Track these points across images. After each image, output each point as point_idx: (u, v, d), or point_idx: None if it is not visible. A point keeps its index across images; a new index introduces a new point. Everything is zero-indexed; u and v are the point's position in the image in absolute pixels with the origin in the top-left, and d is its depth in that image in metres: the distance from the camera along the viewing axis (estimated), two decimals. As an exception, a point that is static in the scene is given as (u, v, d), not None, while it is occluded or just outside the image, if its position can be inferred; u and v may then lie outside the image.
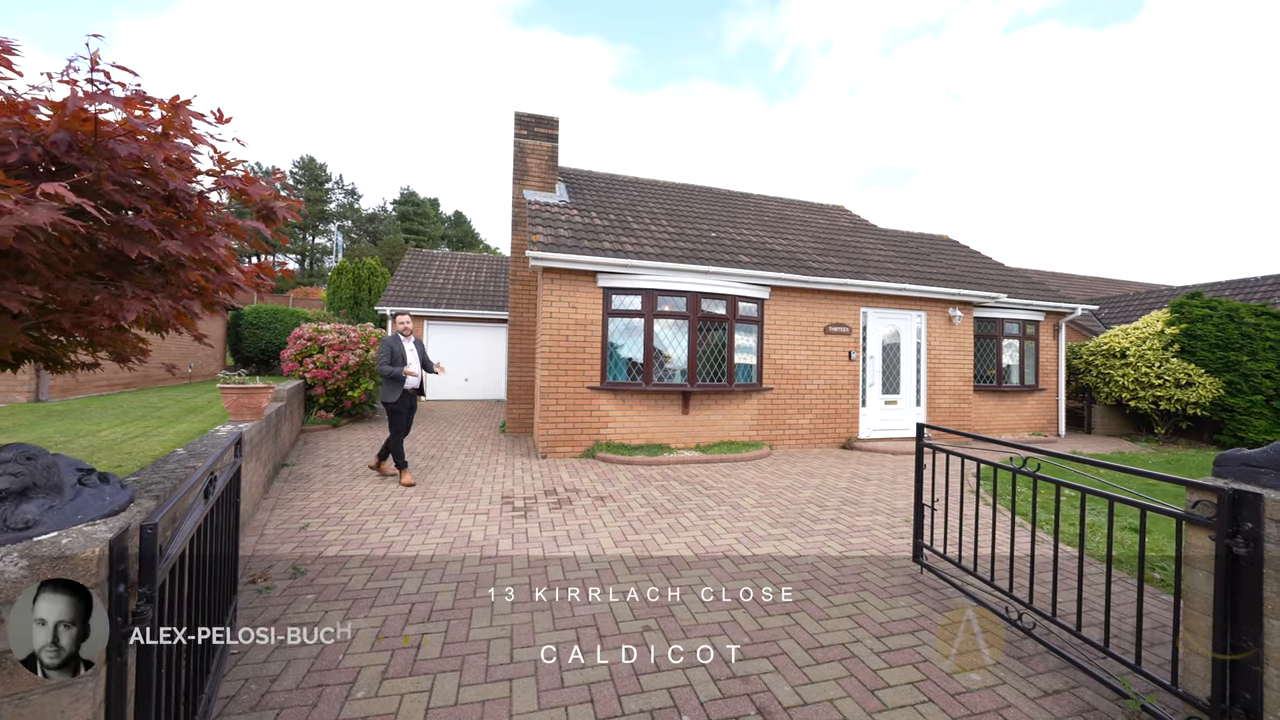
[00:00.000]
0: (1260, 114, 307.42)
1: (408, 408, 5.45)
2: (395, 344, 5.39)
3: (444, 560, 3.46)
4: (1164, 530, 4.14)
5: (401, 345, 5.42)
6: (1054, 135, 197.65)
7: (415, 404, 5.56)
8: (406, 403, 5.43)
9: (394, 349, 5.35)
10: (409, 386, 5.41)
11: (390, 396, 5.35)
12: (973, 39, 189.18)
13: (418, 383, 5.53)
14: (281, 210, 1.89)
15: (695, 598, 3.04)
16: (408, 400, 5.44)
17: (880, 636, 2.68)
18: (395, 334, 5.48)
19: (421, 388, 5.63)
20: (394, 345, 5.38)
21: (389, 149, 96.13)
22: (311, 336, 8.85)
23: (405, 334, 5.51)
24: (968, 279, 9.67)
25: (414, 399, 5.53)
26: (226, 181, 1.73)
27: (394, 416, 5.38)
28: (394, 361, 5.31)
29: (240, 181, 1.76)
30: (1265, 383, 9.10)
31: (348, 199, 52.06)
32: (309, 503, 4.59)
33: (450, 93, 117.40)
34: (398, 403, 5.35)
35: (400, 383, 5.34)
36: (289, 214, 1.93)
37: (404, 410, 5.40)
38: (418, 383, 5.53)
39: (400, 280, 15.44)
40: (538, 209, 8.17)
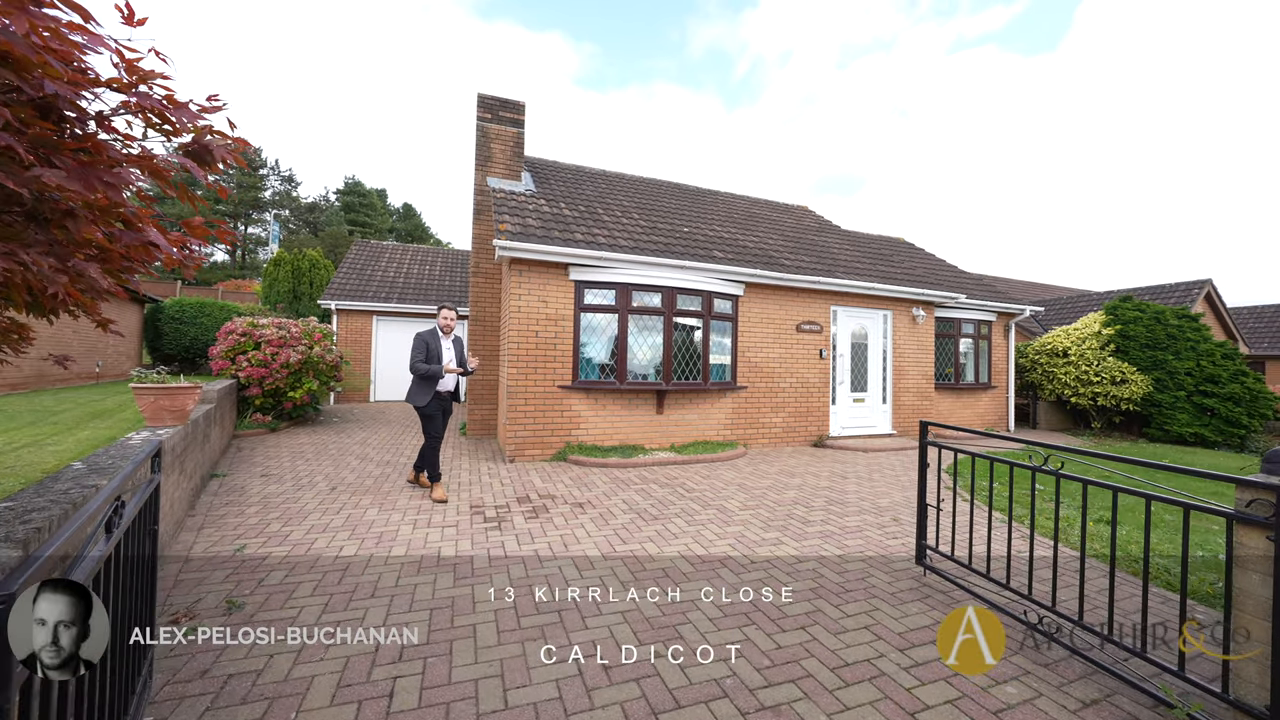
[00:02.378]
0: (1162, 135, 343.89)
1: (441, 412, 4.92)
2: (432, 340, 4.84)
3: (412, 584, 3.03)
4: (1173, 527, 4.25)
5: (439, 342, 4.86)
6: (989, 151, 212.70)
7: (451, 408, 5.05)
8: (439, 406, 4.90)
9: (429, 345, 4.80)
10: (443, 389, 4.89)
11: (420, 399, 4.78)
12: (920, 57, 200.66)
13: (453, 385, 5.00)
14: (220, 150, 1.43)
15: (701, 614, 2.77)
16: (440, 404, 4.91)
17: (903, 649, 2.51)
18: (433, 330, 4.94)
19: (458, 391, 5.08)
20: (430, 341, 4.82)
21: (332, 136, 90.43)
22: (246, 331, 7.95)
23: (446, 331, 4.96)
24: (929, 280, 9.96)
25: (449, 402, 5.00)
26: (142, 101, 1.26)
27: (426, 422, 4.83)
28: (429, 359, 4.75)
29: (162, 103, 1.30)
30: (1187, 380, 9.89)
31: (285, 186, 48.54)
32: (245, 520, 3.98)
33: (403, 82, 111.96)
34: (428, 406, 4.79)
35: (432, 384, 4.80)
36: (230, 156, 1.47)
37: (437, 414, 4.88)
38: (453, 385, 5.00)
39: (346, 273, 14.36)
40: (503, 197, 7.69)
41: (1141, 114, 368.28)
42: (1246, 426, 9.65)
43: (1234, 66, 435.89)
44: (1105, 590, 3.11)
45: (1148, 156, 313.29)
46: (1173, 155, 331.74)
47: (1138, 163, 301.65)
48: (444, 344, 4.90)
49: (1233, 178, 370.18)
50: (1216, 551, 3.82)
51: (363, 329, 13.26)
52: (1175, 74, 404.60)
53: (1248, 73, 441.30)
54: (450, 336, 4.99)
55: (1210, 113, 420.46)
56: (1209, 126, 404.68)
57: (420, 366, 4.72)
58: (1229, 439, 9.70)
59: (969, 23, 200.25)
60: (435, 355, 4.81)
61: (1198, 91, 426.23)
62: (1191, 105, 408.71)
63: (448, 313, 4.97)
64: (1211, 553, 3.80)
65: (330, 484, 5.11)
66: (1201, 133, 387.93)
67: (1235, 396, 9.66)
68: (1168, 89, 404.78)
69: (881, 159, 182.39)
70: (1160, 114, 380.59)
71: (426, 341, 4.80)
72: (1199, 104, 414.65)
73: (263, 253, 44.85)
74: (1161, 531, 4.34)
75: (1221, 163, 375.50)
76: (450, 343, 4.98)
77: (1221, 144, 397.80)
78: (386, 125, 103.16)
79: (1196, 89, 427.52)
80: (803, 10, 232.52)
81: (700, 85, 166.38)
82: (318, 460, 6.13)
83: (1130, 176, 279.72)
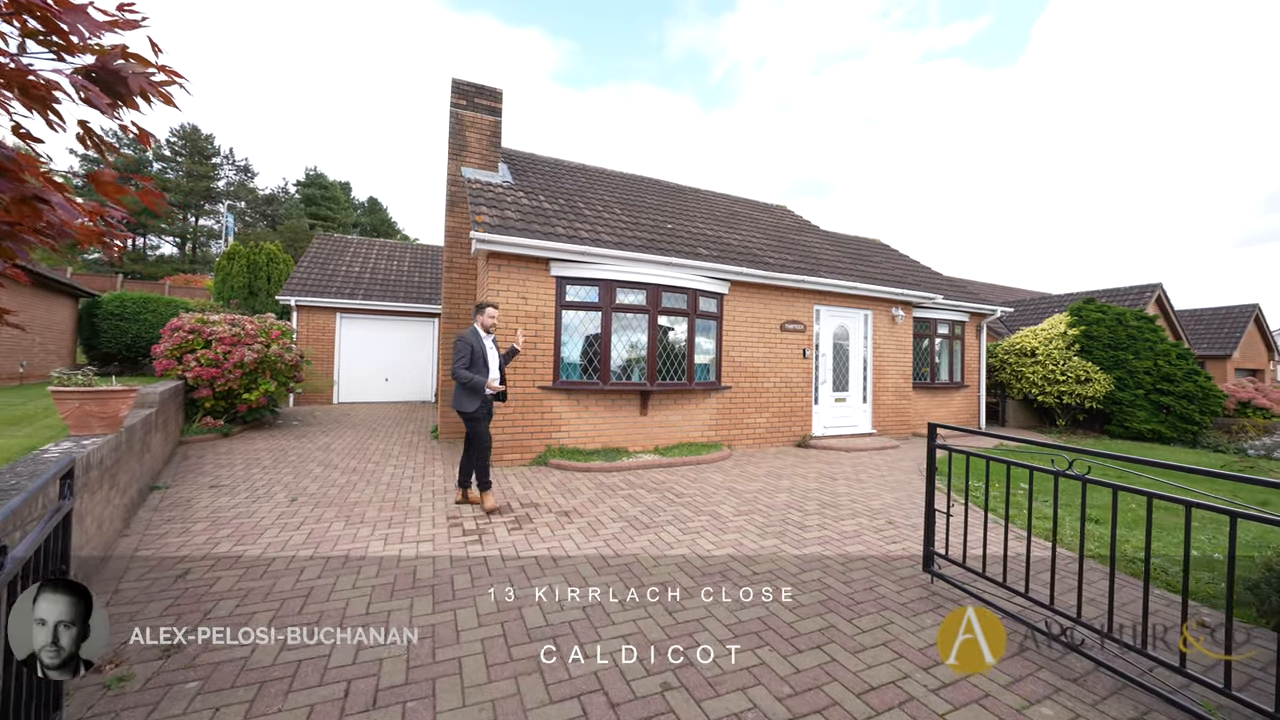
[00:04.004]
0: (1111, 147, 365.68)
1: (486, 414, 4.52)
2: (476, 342, 4.38)
3: (385, 610, 2.70)
4: (1178, 535, 4.26)
5: (483, 345, 4.44)
6: (952, 159, 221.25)
7: (493, 410, 4.73)
8: (485, 410, 4.50)
9: (474, 348, 4.35)
10: (489, 392, 4.48)
11: (469, 405, 4.37)
12: (891, 66, 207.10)
13: (500, 385, 4.58)
14: (138, 80, 1.08)
15: (709, 635, 2.55)
16: (485, 406, 4.50)
17: (927, 668, 2.35)
18: (474, 330, 4.48)
19: (501, 393, 4.64)
20: (474, 344, 4.36)
21: (293, 126, 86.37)
22: (194, 328, 7.32)
23: (488, 330, 4.53)
24: (907, 280, 10.06)
25: (492, 404, 4.63)
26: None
27: (474, 427, 4.44)
28: (473, 365, 4.34)
29: (44, 1, 0.94)
30: (1145, 378, 10.30)
31: (240, 176, 46.04)
32: (190, 539, 3.55)
33: (371, 73, 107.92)
34: (477, 411, 4.39)
35: (481, 389, 4.39)
36: (153, 90, 1.13)
37: (485, 419, 4.48)
38: (500, 385, 4.58)
39: (308, 267, 13.58)
40: (479, 188, 7.31)
41: (1091, 126, 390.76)
42: (1198, 423, 10.12)
43: (1172, 86, 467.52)
44: (1125, 598, 3.05)
45: (1096, 166, 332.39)
46: (1118, 165, 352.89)
47: (1086, 172, 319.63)
48: (487, 343, 4.49)
49: (1171, 188, 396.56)
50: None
51: (325, 326, 12.54)
52: (1122, 90, 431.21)
53: (1185, 91, 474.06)
54: (491, 337, 4.58)
55: (1153, 127, 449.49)
56: (1153, 139, 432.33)
57: (463, 375, 4.28)
58: (1183, 435, 10.16)
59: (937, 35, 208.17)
60: (481, 358, 4.39)
61: (1144, 106, 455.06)
62: (1138, 119, 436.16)
63: (492, 310, 4.52)
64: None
65: (290, 495, 4.67)
66: (1145, 145, 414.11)
67: (1189, 394, 10.13)
68: (1116, 104, 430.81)
69: (851, 164, 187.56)
70: (1108, 127, 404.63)
71: (471, 345, 4.36)
72: (1145, 118, 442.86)
73: (216, 246, 42.46)
74: (1170, 535, 4.36)
75: (1161, 174, 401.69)
76: (492, 342, 4.58)
77: (1163, 156, 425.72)
78: (353, 117, 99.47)
79: (1142, 104, 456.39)
80: (779, 16, 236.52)
81: (678, 87, 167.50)
82: (276, 468, 5.64)
83: (1080, 184, 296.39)
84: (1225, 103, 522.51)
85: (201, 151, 42.51)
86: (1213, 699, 2.13)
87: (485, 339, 4.50)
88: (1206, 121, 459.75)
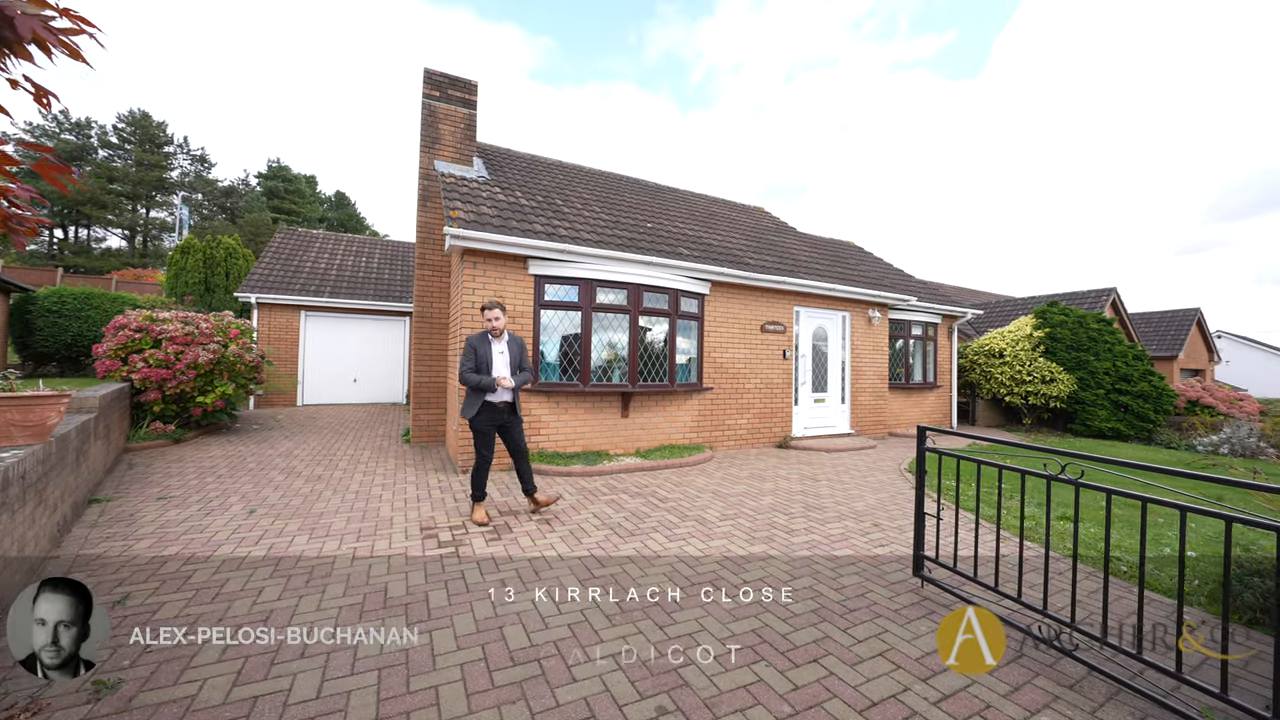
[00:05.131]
0: (1065, 157, 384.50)
1: (494, 427, 4.24)
2: (480, 345, 4.15)
3: (353, 634, 2.49)
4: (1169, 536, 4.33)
5: (489, 348, 4.17)
6: (921, 166, 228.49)
7: (507, 421, 4.29)
8: (493, 420, 4.21)
9: (478, 351, 4.13)
10: (495, 399, 4.18)
11: (468, 410, 4.16)
12: (862, 75, 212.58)
13: (509, 395, 4.23)
14: (28, 22, 0.85)
15: (704, 650, 2.44)
16: (494, 417, 4.20)
17: (926, 679, 2.29)
18: (482, 334, 4.23)
19: (515, 403, 4.28)
20: (478, 347, 4.14)
21: (255, 116, 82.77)
22: (142, 327, 6.82)
23: (495, 334, 4.23)
24: (883, 282, 10.21)
25: (504, 415, 4.25)
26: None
27: (476, 437, 4.23)
28: (478, 369, 4.10)
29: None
30: (1105, 379, 10.73)
31: (195, 166, 43.83)
32: (133, 557, 3.23)
33: (342, 64, 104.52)
34: (477, 418, 4.16)
35: (480, 395, 4.14)
36: (53, 39, 0.91)
37: (489, 431, 4.22)
38: (509, 395, 4.23)
39: (270, 262, 12.95)
40: (453, 183, 7.04)
41: (1046, 137, 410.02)
42: (1153, 421, 10.60)
43: (1122, 99, 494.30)
44: (1103, 598, 3.08)
45: (1050, 175, 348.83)
46: (1071, 175, 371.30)
47: (1041, 180, 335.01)
48: (495, 349, 4.21)
49: (1121, 197, 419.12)
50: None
51: (289, 325, 11.97)
52: (1076, 103, 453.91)
53: (1134, 103, 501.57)
54: (503, 339, 4.27)
55: (1104, 139, 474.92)
56: (1103, 151, 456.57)
57: (470, 378, 4.06)
58: (1139, 432, 10.63)
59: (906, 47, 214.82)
60: (485, 363, 4.15)
61: (1095, 119, 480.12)
62: (1089, 131, 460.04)
63: (495, 312, 4.20)
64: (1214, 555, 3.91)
65: (248, 506, 4.35)
66: (1096, 156, 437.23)
67: (1145, 394, 10.60)
68: (1070, 116, 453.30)
69: (825, 168, 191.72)
70: (1062, 138, 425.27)
71: (475, 347, 4.14)
72: (1096, 130, 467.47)
73: (169, 239, 40.31)
74: (1148, 532, 4.46)
75: (1110, 184, 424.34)
76: (504, 346, 4.25)
77: (1112, 167, 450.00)
78: (320, 109, 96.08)
79: (1094, 117, 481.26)
80: (756, 23, 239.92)
81: (656, 89, 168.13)
82: (233, 477, 5.27)
83: (1036, 192, 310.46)
84: (1171, 114, 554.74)
85: (153, 139, 40.27)
86: (1204, 701, 2.13)
87: (493, 343, 4.23)
88: (1153, 133, 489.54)
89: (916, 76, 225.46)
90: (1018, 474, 2.68)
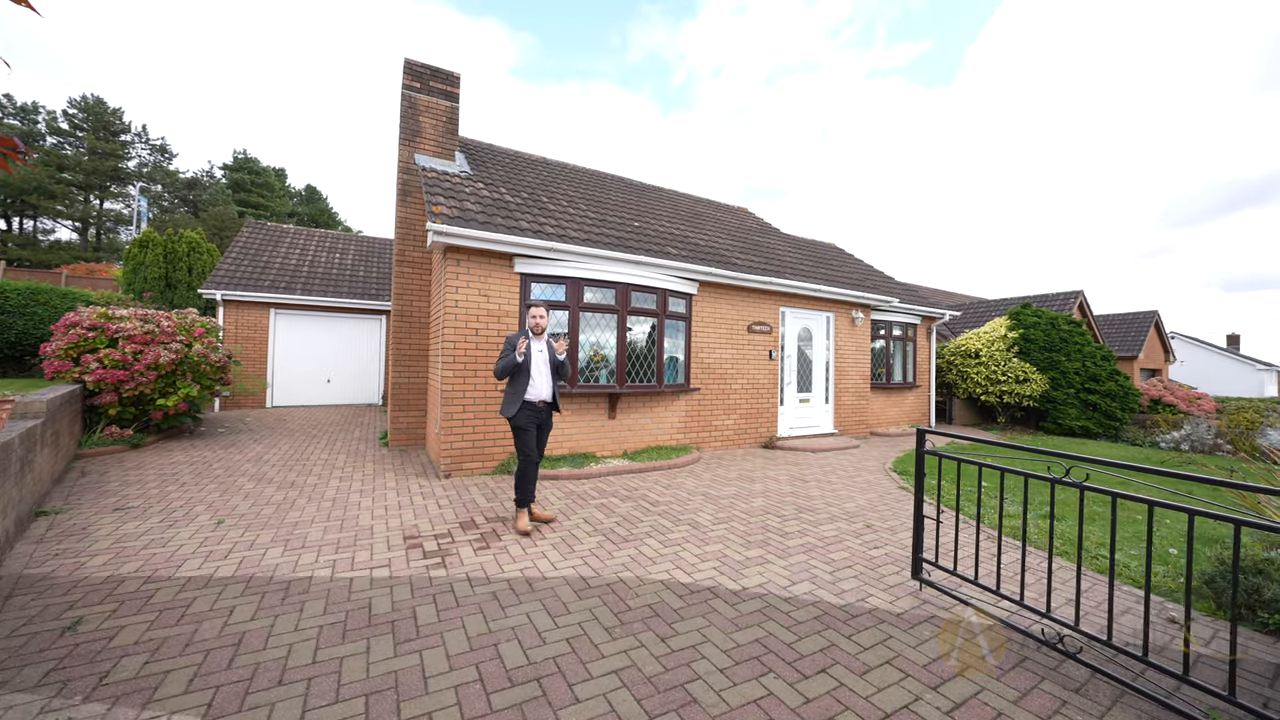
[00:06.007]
0: (1034, 162, 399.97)
1: (535, 425, 4.20)
2: (518, 342, 4.09)
3: (336, 657, 2.32)
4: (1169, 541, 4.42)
5: (529, 347, 4.18)
6: (898, 171, 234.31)
7: (548, 420, 4.30)
8: (534, 417, 4.18)
9: (517, 347, 4.07)
10: (534, 398, 4.16)
11: (509, 409, 4.13)
12: (840, 80, 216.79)
13: (549, 394, 4.24)
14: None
15: (708, 664, 2.35)
16: (532, 415, 4.17)
17: (935, 687, 2.25)
18: (525, 330, 4.26)
19: (554, 402, 4.29)
20: (517, 345, 4.08)
21: (220, 106, 79.30)
22: (95, 324, 6.40)
23: (537, 331, 4.23)
24: (866, 284, 10.33)
25: (543, 414, 4.25)
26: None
27: (518, 436, 4.18)
28: (509, 367, 4.08)
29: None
30: (1075, 379, 11.09)
31: (155, 156, 41.81)
32: (85, 577, 2.98)
33: (315, 55, 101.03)
34: (518, 415, 4.13)
35: (519, 392, 4.11)
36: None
37: (529, 428, 4.16)
38: (549, 394, 4.24)
39: (237, 258, 12.39)
40: (435, 177, 6.81)
41: (1015, 145, 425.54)
42: (1120, 419, 11.01)
43: (1085, 108, 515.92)
44: (1097, 598, 3.11)
45: (1020, 180, 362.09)
46: (1036, 181, 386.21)
47: (1009, 186, 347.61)
48: (535, 346, 4.22)
49: (1084, 204, 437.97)
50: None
51: (258, 323, 11.46)
52: (1043, 111, 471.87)
53: (1097, 112, 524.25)
54: (542, 339, 4.25)
55: (1069, 145, 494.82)
56: (1070, 156, 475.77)
57: (498, 365, 4.08)
58: (1107, 430, 11.02)
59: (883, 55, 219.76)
60: (525, 360, 4.13)
61: (1060, 128, 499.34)
62: (1055, 138, 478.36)
63: (538, 311, 4.19)
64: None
65: (215, 516, 4.09)
66: (1062, 164, 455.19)
67: (1112, 393, 10.99)
68: (1037, 124, 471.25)
69: (803, 171, 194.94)
70: (1030, 144, 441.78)
71: (513, 345, 4.08)
72: (1062, 137, 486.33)
73: (126, 232, 38.43)
74: (1133, 528, 4.56)
75: (1074, 191, 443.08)
76: (543, 345, 4.26)
77: (1075, 175, 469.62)
78: (292, 101, 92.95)
79: (1059, 125, 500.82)
80: (738, 26, 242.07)
81: (638, 89, 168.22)
82: (198, 484, 4.97)
83: (1004, 198, 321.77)
84: (1130, 122, 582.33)
85: (107, 126, 38.26)
86: (1207, 702, 2.14)
87: (533, 341, 4.21)
88: (1114, 140, 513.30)
89: (893, 83, 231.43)
90: (1018, 477, 2.68)
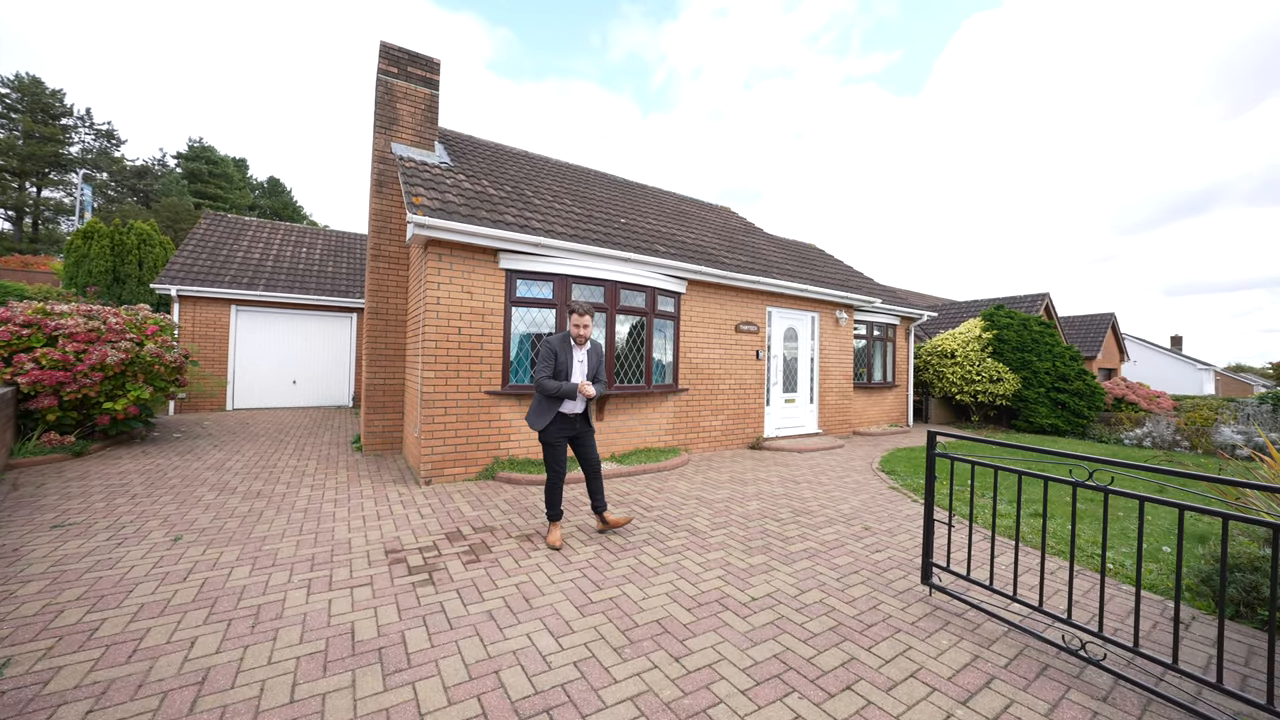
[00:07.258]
0: (1000, 169, 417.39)
1: (566, 439, 3.84)
2: (562, 351, 3.77)
3: (318, 695, 2.07)
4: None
5: (569, 355, 3.79)
6: (870, 175, 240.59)
7: (580, 431, 3.91)
8: (564, 431, 3.82)
9: (558, 357, 3.74)
10: (569, 410, 3.81)
11: (538, 421, 3.76)
12: (816, 86, 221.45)
13: (582, 406, 3.87)
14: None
15: (729, 686, 2.20)
16: (566, 427, 3.83)
17: (964, 701, 2.16)
18: (564, 336, 3.82)
19: (588, 412, 3.92)
20: (559, 351, 3.76)
21: (174, 91, 75.27)
22: (31, 321, 5.84)
23: (580, 341, 3.81)
24: (849, 284, 10.41)
25: (577, 426, 3.89)
26: None
27: (548, 451, 3.82)
28: (556, 375, 3.73)
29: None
30: (1045, 378, 11.45)
31: (100, 142, 39.30)
32: (16, 610, 2.62)
33: (280, 43, 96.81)
34: (548, 430, 3.78)
35: (554, 405, 3.75)
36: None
37: (559, 443, 3.81)
38: (582, 406, 3.87)
39: (195, 251, 11.65)
40: (414, 168, 6.47)
41: (980, 150, 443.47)
42: (1087, 417, 11.42)
43: (1045, 117, 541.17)
44: (1112, 602, 3.09)
45: (984, 185, 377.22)
46: (1001, 186, 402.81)
47: (977, 190, 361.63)
48: (575, 356, 3.85)
49: (1045, 209, 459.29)
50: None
51: (217, 321, 10.80)
52: (1004, 121, 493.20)
53: (1058, 122, 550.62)
54: (585, 347, 3.89)
55: (1028, 153, 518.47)
56: (1029, 163, 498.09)
57: (547, 384, 3.68)
58: (1075, 428, 11.42)
59: (858, 63, 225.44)
60: (564, 370, 3.75)
61: (1021, 136, 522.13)
62: (1015, 145, 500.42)
63: (585, 319, 3.78)
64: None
65: (171, 532, 3.72)
66: (1022, 168, 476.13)
67: (1080, 392, 11.39)
68: (999, 133, 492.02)
69: (779, 173, 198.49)
70: (993, 151, 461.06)
71: (555, 351, 3.74)
72: (1021, 145, 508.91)
73: (67, 223, 35.99)
74: (1139, 527, 4.61)
75: (1034, 197, 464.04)
76: (585, 354, 3.88)
77: (1035, 182, 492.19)
78: (253, 89, 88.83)
79: (1020, 134, 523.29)
80: (718, 29, 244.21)
81: (618, 89, 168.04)
82: (150, 496, 4.55)
83: (970, 203, 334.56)
84: (1087, 131, 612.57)
85: (46, 109, 35.75)
86: (1234, 707, 2.11)
87: (574, 350, 3.84)
88: (1068, 149, 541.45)
89: (866, 90, 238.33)
90: (1036, 479, 2.63)
